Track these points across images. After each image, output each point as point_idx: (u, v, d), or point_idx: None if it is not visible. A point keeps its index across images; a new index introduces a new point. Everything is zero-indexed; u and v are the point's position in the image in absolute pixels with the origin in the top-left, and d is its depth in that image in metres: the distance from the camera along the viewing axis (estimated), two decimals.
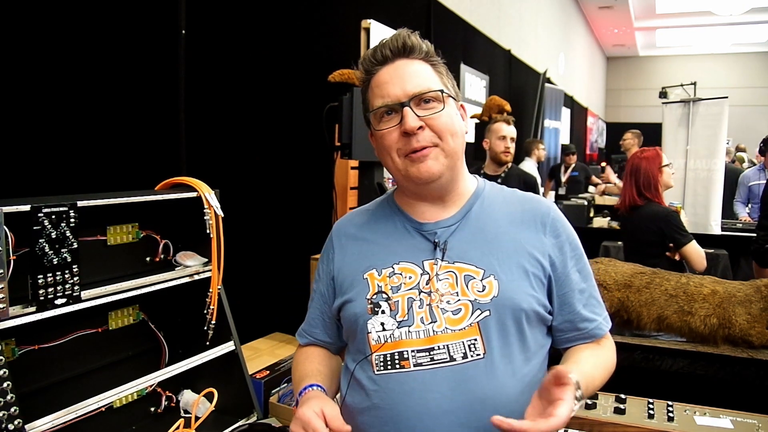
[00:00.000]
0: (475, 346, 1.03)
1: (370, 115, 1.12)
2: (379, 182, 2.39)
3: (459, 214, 1.14)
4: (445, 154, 1.08)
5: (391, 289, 1.09)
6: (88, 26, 1.72)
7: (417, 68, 1.10)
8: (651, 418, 1.64)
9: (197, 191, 1.55)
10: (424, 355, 1.03)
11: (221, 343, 1.59)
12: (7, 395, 1.09)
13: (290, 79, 2.62)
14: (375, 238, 1.17)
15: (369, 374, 1.07)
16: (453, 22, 4.76)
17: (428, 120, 1.07)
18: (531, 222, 1.13)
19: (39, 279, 1.19)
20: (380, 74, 1.10)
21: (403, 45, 1.10)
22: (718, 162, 5.14)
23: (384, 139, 1.09)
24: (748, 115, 14.54)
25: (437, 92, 1.08)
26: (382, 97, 1.08)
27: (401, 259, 1.12)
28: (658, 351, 2.12)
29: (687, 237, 2.82)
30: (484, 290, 1.06)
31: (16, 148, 1.56)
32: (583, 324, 1.13)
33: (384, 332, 1.07)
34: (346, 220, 1.26)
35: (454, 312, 1.05)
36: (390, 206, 1.20)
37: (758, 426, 1.61)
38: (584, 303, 1.13)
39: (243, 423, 1.55)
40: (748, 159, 8.53)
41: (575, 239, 1.16)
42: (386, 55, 1.10)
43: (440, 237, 1.11)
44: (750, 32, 14.20)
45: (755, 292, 2.18)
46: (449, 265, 1.08)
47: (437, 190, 1.12)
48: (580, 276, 1.14)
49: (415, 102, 1.07)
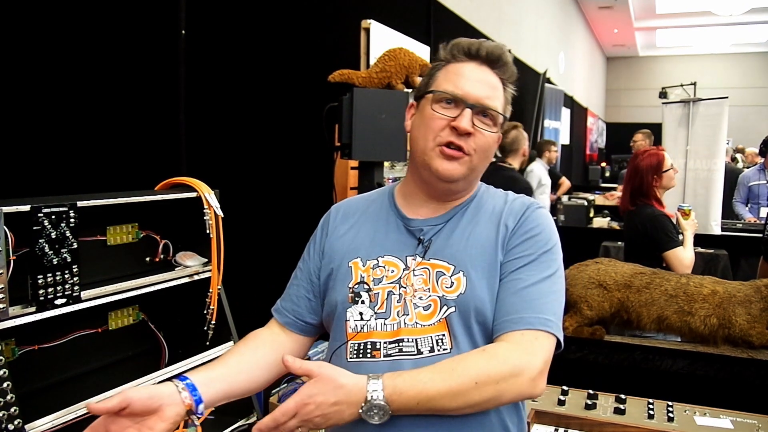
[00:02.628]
0: (442, 341, 1.04)
1: (431, 93, 1.11)
2: (378, 182, 2.39)
3: (449, 213, 1.15)
4: (470, 166, 1.10)
5: (373, 281, 1.11)
6: (88, 26, 1.72)
7: (496, 84, 1.12)
8: (651, 419, 1.64)
9: (197, 191, 1.55)
10: (393, 346, 1.05)
11: (221, 344, 1.59)
12: (7, 395, 1.09)
13: (290, 79, 2.62)
14: (366, 228, 1.19)
15: (342, 361, 1.08)
16: (453, 22, 4.76)
17: (478, 132, 1.08)
18: (508, 217, 1.12)
19: (39, 279, 1.19)
20: (464, 65, 1.12)
21: (498, 57, 1.12)
22: (718, 162, 5.13)
23: (431, 121, 1.09)
24: (748, 115, 14.54)
25: (500, 116, 1.11)
26: (454, 86, 1.09)
27: (386, 253, 1.13)
28: (658, 351, 2.12)
29: (672, 242, 2.74)
30: (451, 286, 1.07)
31: (16, 148, 1.56)
32: (502, 314, 1.03)
33: (361, 322, 1.09)
34: (345, 204, 1.27)
35: (425, 308, 1.07)
36: (388, 199, 1.22)
37: (758, 426, 1.61)
38: (513, 292, 1.04)
39: (243, 423, 1.55)
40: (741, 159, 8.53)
41: (540, 235, 1.09)
42: (480, 54, 1.11)
43: (425, 234, 1.13)
44: (750, 32, 14.20)
45: (755, 292, 2.19)
46: (425, 261, 1.10)
47: (443, 191, 1.14)
48: (524, 267, 1.06)
49: (478, 110, 1.08)
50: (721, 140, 5.18)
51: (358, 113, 2.21)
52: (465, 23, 5.04)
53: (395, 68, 2.78)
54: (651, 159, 2.91)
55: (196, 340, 1.58)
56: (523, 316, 1.02)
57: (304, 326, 1.22)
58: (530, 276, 1.06)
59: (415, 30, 3.67)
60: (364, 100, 2.23)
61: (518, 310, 1.02)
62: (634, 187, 2.93)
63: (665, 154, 2.96)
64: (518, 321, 1.01)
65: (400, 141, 2.37)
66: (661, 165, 2.90)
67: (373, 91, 2.48)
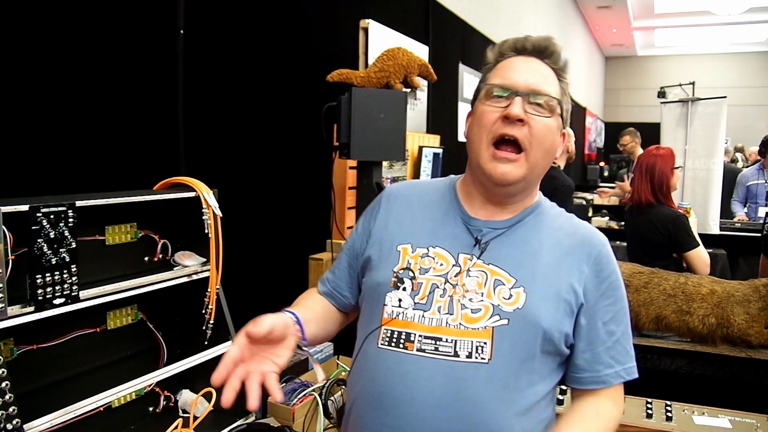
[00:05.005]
0: (482, 349, 1.00)
1: (483, 89, 1.10)
2: (377, 182, 2.39)
3: (511, 220, 1.12)
4: (528, 165, 1.06)
5: (420, 269, 1.08)
6: (87, 26, 1.72)
7: (546, 72, 1.10)
8: (649, 418, 1.64)
9: (196, 191, 1.55)
10: (429, 342, 1.02)
11: (220, 343, 1.59)
12: (5, 395, 1.09)
13: (289, 79, 2.62)
14: (422, 214, 1.16)
15: (373, 346, 1.06)
16: (452, 22, 4.75)
17: (531, 119, 1.04)
18: (577, 252, 1.09)
19: (37, 279, 1.19)
20: (511, 60, 1.10)
21: (545, 48, 1.10)
22: (717, 162, 5.14)
23: (483, 117, 1.07)
24: (746, 114, 14.53)
25: (554, 99, 1.07)
26: (502, 78, 1.08)
27: (438, 244, 1.11)
28: (657, 351, 2.13)
29: (693, 242, 2.79)
30: (510, 299, 1.03)
31: (15, 147, 1.55)
32: (599, 367, 1.09)
33: (398, 308, 1.06)
34: (402, 186, 1.25)
35: (474, 311, 1.03)
36: (449, 191, 1.19)
37: (756, 425, 1.62)
38: (608, 346, 1.09)
39: (241, 423, 1.55)
40: (742, 159, 8.54)
41: (617, 281, 1.12)
42: (526, 47, 1.10)
43: (484, 235, 1.10)
44: (748, 32, 14.20)
45: (753, 291, 2.19)
46: (483, 264, 1.07)
47: (501, 195, 1.11)
48: (612, 318, 1.09)
49: (529, 97, 1.05)
50: (719, 140, 5.19)
51: (357, 113, 2.21)
52: (464, 23, 5.03)
53: (394, 68, 2.78)
54: (666, 153, 2.94)
55: (195, 340, 1.58)
56: (618, 371, 1.09)
57: (341, 299, 1.24)
58: (618, 327, 1.10)
59: (413, 30, 3.66)
60: (362, 100, 2.23)
61: (612, 365, 1.09)
62: (653, 179, 2.92)
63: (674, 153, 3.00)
64: (614, 376, 1.09)
65: (398, 140, 2.37)
66: (674, 161, 2.95)
67: (372, 90, 2.48)
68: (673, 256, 2.87)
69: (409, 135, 2.77)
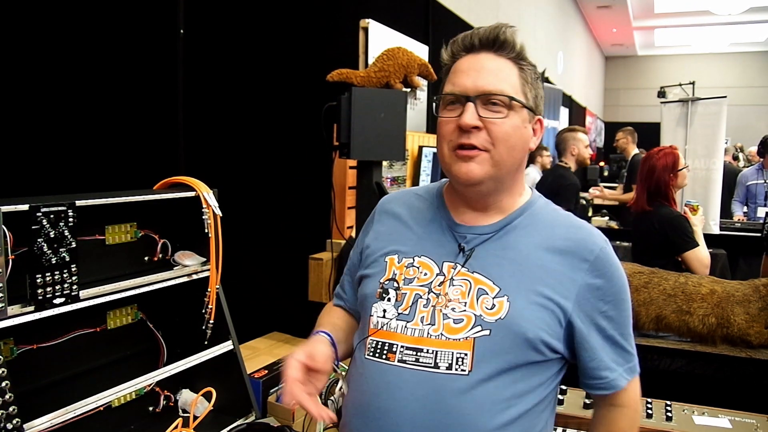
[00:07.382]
0: (463, 361, 0.98)
1: (439, 99, 1.07)
2: (377, 182, 2.39)
3: (497, 225, 1.07)
4: (492, 162, 1.01)
5: (404, 280, 1.07)
6: (87, 26, 1.72)
7: (500, 66, 1.04)
8: (649, 418, 1.64)
9: (196, 191, 1.55)
10: (411, 353, 1.01)
11: (219, 343, 1.59)
12: (5, 394, 1.09)
13: (288, 79, 2.62)
14: (410, 224, 1.15)
15: (361, 356, 1.07)
16: (452, 21, 4.75)
17: (488, 123, 1.00)
18: (571, 254, 1.04)
19: (37, 278, 1.19)
20: (462, 61, 1.05)
21: (495, 39, 1.04)
22: (717, 161, 5.13)
23: (441, 128, 1.05)
24: (746, 114, 14.54)
25: (506, 98, 1.01)
26: (453, 85, 1.04)
27: (424, 253, 1.08)
28: (657, 350, 2.13)
29: (691, 243, 2.75)
30: (492, 308, 1.00)
31: (15, 147, 1.56)
32: (604, 373, 1.06)
33: (383, 319, 1.05)
34: (394, 198, 1.24)
35: (456, 321, 1.01)
36: (437, 198, 1.16)
37: (756, 425, 1.62)
38: (610, 351, 1.06)
39: (241, 422, 1.55)
40: (743, 158, 8.53)
41: (618, 284, 1.07)
42: (474, 43, 1.05)
43: (469, 242, 1.06)
44: (748, 32, 14.20)
45: (753, 291, 2.19)
46: (468, 273, 1.04)
47: (477, 197, 1.07)
48: (611, 323, 1.06)
49: (482, 100, 1.01)
50: (719, 139, 5.18)
51: (357, 113, 2.21)
52: (463, 22, 5.03)
53: (394, 67, 2.78)
54: (667, 159, 2.89)
55: (195, 340, 1.58)
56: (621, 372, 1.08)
57: (352, 310, 1.25)
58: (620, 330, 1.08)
59: (413, 29, 3.66)
60: (362, 100, 2.23)
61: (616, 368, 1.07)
62: (650, 187, 2.90)
63: (678, 152, 2.95)
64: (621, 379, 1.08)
65: (398, 140, 2.37)
66: (677, 164, 2.89)
67: (372, 90, 2.48)
68: (676, 258, 2.85)
69: (409, 135, 2.76)
